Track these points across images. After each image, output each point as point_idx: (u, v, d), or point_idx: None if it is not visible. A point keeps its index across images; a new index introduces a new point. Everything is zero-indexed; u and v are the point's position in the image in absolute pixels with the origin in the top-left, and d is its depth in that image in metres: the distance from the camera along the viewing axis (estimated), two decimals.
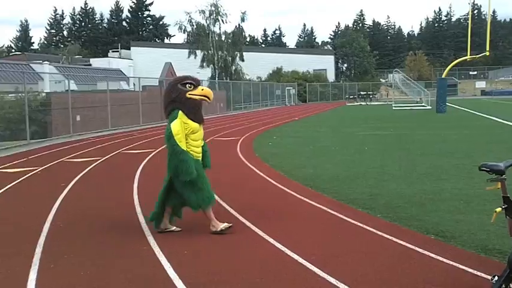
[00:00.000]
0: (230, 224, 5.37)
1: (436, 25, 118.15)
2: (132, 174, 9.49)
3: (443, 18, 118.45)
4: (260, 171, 9.44)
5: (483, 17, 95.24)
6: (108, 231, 5.62)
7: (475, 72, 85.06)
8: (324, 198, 6.94)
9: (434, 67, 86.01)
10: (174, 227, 5.54)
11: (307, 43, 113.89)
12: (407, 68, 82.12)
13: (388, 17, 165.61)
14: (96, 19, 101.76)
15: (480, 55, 33.92)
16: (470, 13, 37.51)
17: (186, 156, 5.14)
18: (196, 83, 5.34)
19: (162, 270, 4.30)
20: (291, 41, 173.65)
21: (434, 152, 11.48)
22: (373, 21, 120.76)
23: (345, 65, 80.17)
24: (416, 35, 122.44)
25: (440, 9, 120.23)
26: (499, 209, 3.45)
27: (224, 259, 4.58)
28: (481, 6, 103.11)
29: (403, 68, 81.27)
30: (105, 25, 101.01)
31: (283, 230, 5.43)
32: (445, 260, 4.34)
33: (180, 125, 5.16)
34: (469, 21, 33.72)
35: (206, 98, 5.34)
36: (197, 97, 5.29)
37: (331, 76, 72.10)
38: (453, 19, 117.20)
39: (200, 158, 5.42)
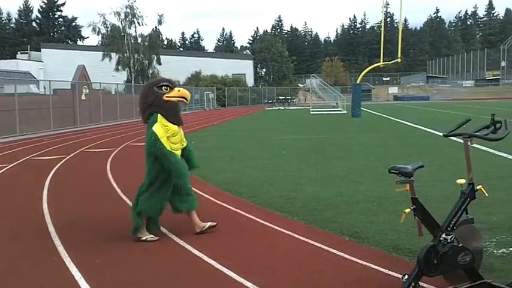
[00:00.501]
0: (157, 238, 5.22)
1: (351, 32, 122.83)
2: (42, 182, 9.00)
3: (358, 25, 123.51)
4: None
5: (395, 25, 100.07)
6: (16, 242, 5.28)
7: (388, 78, 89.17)
8: (242, 203, 6.91)
9: (350, 73, 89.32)
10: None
11: (226, 47, 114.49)
12: (324, 74, 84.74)
13: (306, 23, 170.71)
14: (3, 19, 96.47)
15: (392, 61, 35.52)
16: (383, 21, 39.10)
17: (176, 158, 5.08)
18: (172, 85, 5.27)
19: (73, 281, 4.08)
20: (209, 45, 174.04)
21: (350, 156, 11.82)
22: (291, 27, 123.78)
23: (264, 69, 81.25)
24: (332, 41, 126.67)
25: (355, 17, 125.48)
26: (408, 210, 3.57)
27: (138, 268, 4.41)
28: (393, 14, 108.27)
29: (320, 74, 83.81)
30: (12, 25, 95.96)
31: (199, 236, 5.33)
32: (358, 261, 4.43)
33: (162, 128, 5.07)
34: (382, 29, 35.10)
35: (183, 99, 5.30)
36: (174, 99, 5.22)
37: (250, 81, 72.77)
38: (367, 26, 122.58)
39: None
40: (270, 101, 60.07)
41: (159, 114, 5.10)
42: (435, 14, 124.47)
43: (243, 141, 16.38)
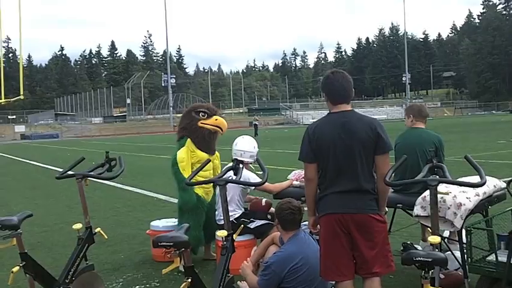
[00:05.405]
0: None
1: None
2: None
3: None
4: None
5: (18, 61, 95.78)
6: None
7: (14, 116, 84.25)
8: None
9: None
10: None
11: None
12: None
13: None
14: None
15: (15, 98, 33.58)
16: (1, 56, 36.59)
17: (185, 186, 4.82)
18: (211, 112, 5.17)
19: None
20: None
21: None
22: None
23: None
24: None
25: None
26: (16, 268, 3.12)
27: None
28: (15, 50, 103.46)
29: None
30: None
31: None
32: None
33: (186, 153, 5.03)
34: (1, 64, 32.84)
35: (218, 129, 5.17)
36: (209, 126, 5.12)
37: None
38: None
39: (210, 193, 5.13)
40: None
41: (189, 139, 5.08)
42: (60, 52, 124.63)
43: None
